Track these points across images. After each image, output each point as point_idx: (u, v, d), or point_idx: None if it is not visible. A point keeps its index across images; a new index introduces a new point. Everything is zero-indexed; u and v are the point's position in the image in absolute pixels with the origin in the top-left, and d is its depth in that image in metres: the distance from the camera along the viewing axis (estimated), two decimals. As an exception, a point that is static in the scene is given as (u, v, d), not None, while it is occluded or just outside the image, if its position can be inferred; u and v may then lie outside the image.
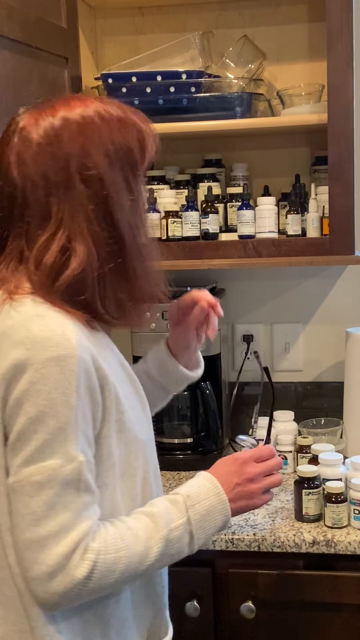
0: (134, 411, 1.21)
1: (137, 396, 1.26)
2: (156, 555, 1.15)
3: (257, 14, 2.11)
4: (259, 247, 1.93)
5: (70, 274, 1.11)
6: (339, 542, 1.64)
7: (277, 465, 1.34)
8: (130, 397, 1.23)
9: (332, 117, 1.82)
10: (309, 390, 2.27)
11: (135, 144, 1.17)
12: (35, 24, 1.68)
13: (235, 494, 1.25)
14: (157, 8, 2.15)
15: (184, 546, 1.19)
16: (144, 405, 1.28)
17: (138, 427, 1.21)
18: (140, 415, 1.25)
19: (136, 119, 1.19)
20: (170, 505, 1.19)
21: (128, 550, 1.12)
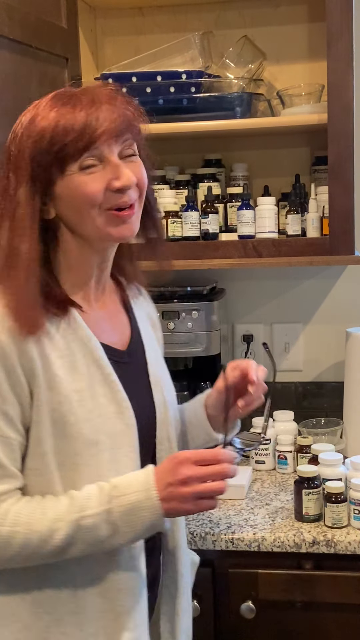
0: (85, 408, 1.20)
1: (112, 399, 1.24)
2: (63, 538, 1.15)
3: (257, 14, 2.11)
4: (259, 247, 1.94)
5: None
6: (339, 542, 1.64)
7: (220, 473, 1.19)
8: (90, 394, 1.22)
9: (332, 117, 1.82)
10: (309, 390, 2.28)
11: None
12: (35, 24, 1.69)
13: (168, 493, 1.17)
14: (157, 8, 2.15)
15: (105, 537, 1.17)
16: (121, 410, 1.25)
17: (89, 425, 1.20)
18: (101, 417, 1.22)
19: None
20: (96, 492, 1.18)
21: (28, 527, 1.15)
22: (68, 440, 1.19)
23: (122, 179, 1.19)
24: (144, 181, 1.24)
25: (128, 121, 1.21)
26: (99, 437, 1.21)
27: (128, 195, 1.20)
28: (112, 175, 1.19)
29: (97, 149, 1.18)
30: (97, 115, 1.17)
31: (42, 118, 1.19)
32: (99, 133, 1.17)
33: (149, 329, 1.43)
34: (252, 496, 1.89)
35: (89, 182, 1.18)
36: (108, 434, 1.22)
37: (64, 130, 1.17)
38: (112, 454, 1.22)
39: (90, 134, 1.17)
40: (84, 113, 1.17)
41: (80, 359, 1.23)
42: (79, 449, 1.19)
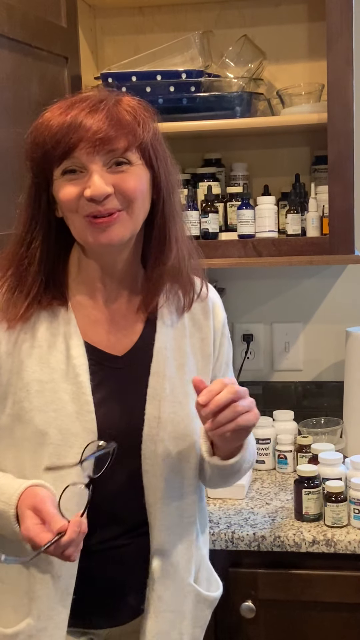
0: (42, 399, 1.24)
1: (74, 398, 1.24)
2: None
3: (257, 14, 2.11)
4: (258, 247, 1.93)
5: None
6: (338, 541, 1.64)
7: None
8: (52, 388, 1.24)
9: (332, 116, 1.82)
10: (309, 390, 2.27)
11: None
12: (35, 23, 1.69)
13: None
14: (157, 7, 2.15)
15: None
16: (81, 411, 1.24)
17: (41, 415, 1.23)
18: (57, 412, 1.23)
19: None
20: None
21: None
22: (22, 423, 1.24)
23: (90, 190, 1.17)
24: (130, 191, 1.20)
25: (121, 128, 1.19)
26: (48, 430, 1.23)
27: (103, 205, 1.18)
28: (87, 184, 1.18)
29: (75, 157, 1.18)
30: (81, 123, 1.17)
31: (38, 122, 1.22)
32: (76, 141, 1.17)
33: (184, 343, 1.35)
34: (252, 496, 1.89)
35: (66, 189, 1.20)
36: (60, 429, 1.23)
37: (48, 135, 1.19)
38: (59, 449, 1.23)
39: (67, 142, 1.17)
40: (69, 119, 1.18)
41: (55, 354, 1.26)
42: (28, 434, 1.24)
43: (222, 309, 1.43)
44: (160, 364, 1.31)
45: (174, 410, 1.30)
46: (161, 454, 1.29)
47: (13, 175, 1.61)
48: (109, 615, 1.34)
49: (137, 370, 1.31)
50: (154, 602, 1.32)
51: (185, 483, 1.33)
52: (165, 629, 1.33)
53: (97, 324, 1.30)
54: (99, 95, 1.23)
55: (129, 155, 1.20)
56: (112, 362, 1.30)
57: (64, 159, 1.18)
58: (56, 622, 1.27)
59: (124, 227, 1.22)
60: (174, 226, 1.29)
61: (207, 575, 1.44)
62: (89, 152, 1.17)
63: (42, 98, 1.73)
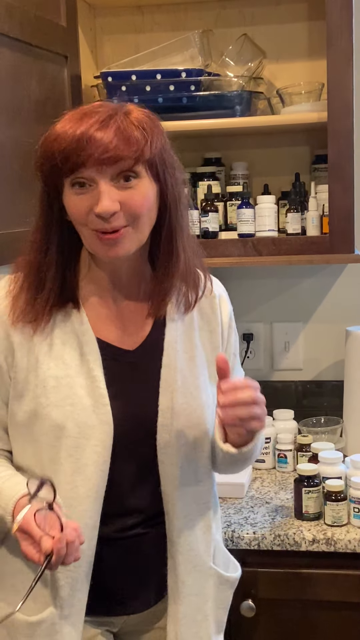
0: (59, 394, 1.27)
1: (90, 392, 1.28)
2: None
3: (257, 13, 2.11)
4: (258, 246, 1.93)
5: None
6: (338, 540, 1.64)
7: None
8: (68, 383, 1.28)
9: (332, 115, 1.82)
10: (309, 389, 2.27)
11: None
12: (35, 22, 1.68)
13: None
14: (156, 6, 2.15)
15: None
16: (97, 405, 1.28)
17: (58, 410, 1.27)
18: (73, 406, 1.27)
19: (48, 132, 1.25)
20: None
21: None
22: (40, 419, 1.28)
23: (98, 207, 1.20)
24: (135, 208, 1.22)
25: (130, 144, 1.20)
26: (66, 423, 1.27)
27: (110, 223, 1.21)
28: (95, 200, 1.20)
29: (84, 172, 1.20)
30: (90, 138, 1.18)
31: (48, 135, 1.23)
32: (85, 158, 1.18)
33: (193, 336, 1.39)
34: (252, 495, 1.89)
35: (76, 203, 1.22)
36: (77, 423, 1.27)
37: (57, 150, 1.20)
38: (77, 442, 1.27)
39: (76, 158, 1.19)
40: (78, 134, 1.19)
41: (69, 350, 1.30)
42: (46, 429, 1.28)
43: (228, 302, 1.47)
44: (171, 357, 1.35)
45: (186, 401, 1.34)
46: (175, 443, 1.32)
47: (12, 174, 1.61)
48: (125, 604, 1.38)
49: (148, 363, 1.35)
50: (178, 587, 1.36)
51: (199, 470, 1.37)
52: (191, 612, 1.37)
53: (108, 320, 1.34)
54: (108, 110, 1.23)
55: (136, 169, 1.22)
56: (124, 356, 1.34)
57: (72, 172, 1.21)
58: (77, 609, 1.31)
59: (130, 242, 1.25)
60: (181, 234, 1.32)
61: (224, 559, 1.48)
62: (97, 168, 1.19)
63: (41, 97, 1.73)
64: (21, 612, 1.29)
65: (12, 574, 1.34)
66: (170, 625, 1.36)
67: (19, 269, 1.32)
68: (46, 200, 1.27)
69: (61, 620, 1.30)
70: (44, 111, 1.75)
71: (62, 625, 1.30)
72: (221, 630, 1.46)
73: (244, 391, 1.20)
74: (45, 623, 1.30)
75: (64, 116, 1.25)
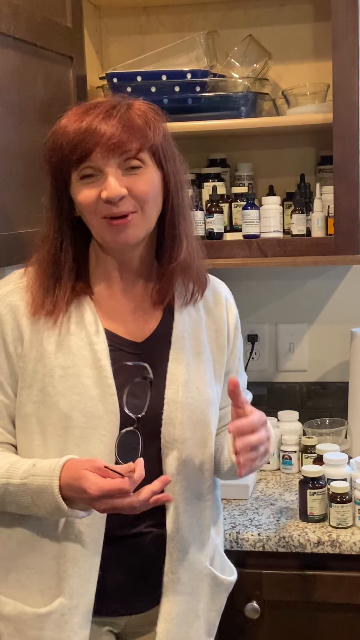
0: (66, 384, 1.29)
1: (97, 382, 1.30)
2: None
3: (262, 14, 2.11)
4: (263, 247, 1.93)
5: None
6: (343, 542, 1.64)
7: (128, 503, 1.19)
8: (75, 373, 1.30)
9: (337, 116, 1.82)
10: (314, 391, 2.27)
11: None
12: (41, 23, 1.68)
13: (69, 494, 1.23)
14: (162, 8, 2.15)
15: (28, 504, 1.27)
16: (104, 394, 1.30)
17: (65, 400, 1.29)
18: (80, 395, 1.29)
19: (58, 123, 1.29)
20: (25, 465, 1.28)
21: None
22: (47, 409, 1.30)
23: (106, 192, 1.24)
24: (142, 194, 1.27)
25: (133, 132, 1.24)
26: (72, 413, 1.29)
27: (118, 207, 1.25)
28: (103, 186, 1.24)
29: (91, 161, 1.25)
30: (96, 128, 1.23)
31: (55, 129, 1.28)
32: (92, 146, 1.24)
33: (200, 332, 1.42)
34: (257, 496, 1.89)
35: (85, 192, 1.26)
36: (84, 412, 1.29)
37: (65, 141, 1.25)
38: (83, 432, 1.29)
39: (84, 147, 1.24)
40: (84, 125, 1.24)
41: (76, 341, 1.32)
42: (54, 419, 1.30)
43: (235, 306, 1.51)
44: (178, 350, 1.37)
45: (191, 396, 1.36)
46: (179, 437, 1.34)
47: (18, 175, 1.61)
48: (127, 603, 1.38)
49: (155, 356, 1.37)
50: (171, 585, 1.37)
51: (202, 467, 1.38)
52: (182, 611, 1.38)
53: (116, 312, 1.37)
54: (111, 101, 1.28)
55: (141, 156, 1.27)
56: (132, 347, 1.36)
57: (81, 162, 1.25)
58: (86, 599, 1.32)
59: (138, 227, 1.29)
60: (184, 221, 1.36)
61: (222, 563, 1.50)
62: (104, 155, 1.24)
63: (47, 98, 1.73)
64: (29, 605, 1.31)
65: (18, 569, 1.34)
66: (161, 623, 1.37)
67: (33, 262, 1.35)
68: (55, 194, 1.31)
69: (71, 610, 1.31)
70: (50, 112, 1.74)
71: (71, 616, 1.31)
72: (212, 633, 1.46)
73: (254, 437, 1.23)
74: (55, 614, 1.31)
75: (69, 111, 1.29)
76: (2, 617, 1.34)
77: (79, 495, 1.21)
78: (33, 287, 1.33)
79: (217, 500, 1.48)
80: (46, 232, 1.33)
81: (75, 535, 1.30)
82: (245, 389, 1.57)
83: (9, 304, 1.33)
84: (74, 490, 1.21)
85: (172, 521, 1.35)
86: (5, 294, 1.34)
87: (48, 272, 1.32)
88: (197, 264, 1.40)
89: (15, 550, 1.35)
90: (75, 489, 1.21)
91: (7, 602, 1.34)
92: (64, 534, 1.30)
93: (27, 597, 1.33)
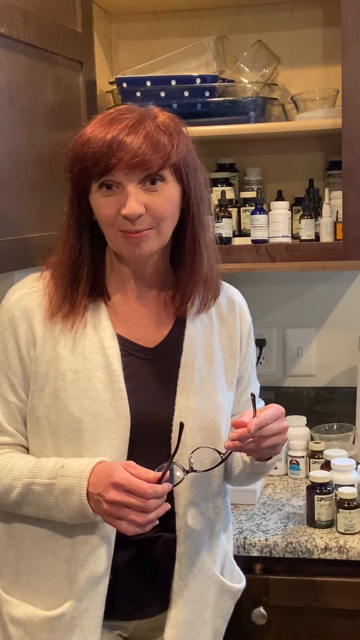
0: (77, 388, 1.30)
1: (108, 386, 1.30)
2: (18, 495, 1.29)
3: (271, 19, 2.11)
4: (272, 252, 1.93)
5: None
6: (351, 548, 1.63)
7: (139, 507, 1.19)
8: (87, 377, 1.30)
9: (347, 121, 1.82)
10: (322, 396, 2.27)
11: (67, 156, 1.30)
12: (51, 28, 1.69)
13: (95, 498, 1.24)
14: (171, 13, 2.15)
15: (50, 506, 1.28)
16: (115, 398, 1.30)
17: (76, 403, 1.29)
18: (91, 399, 1.29)
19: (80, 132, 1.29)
20: (50, 465, 1.29)
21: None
22: (59, 412, 1.30)
23: (126, 209, 1.24)
24: (160, 212, 1.27)
25: (157, 150, 1.24)
26: (83, 417, 1.29)
27: (135, 225, 1.26)
28: (123, 202, 1.25)
29: (113, 175, 1.25)
30: (120, 143, 1.23)
31: (79, 138, 1.28)
32: (115, 162, 1.23)
33: (212, 339, 1.42)
34: (264, 501, 1.89)
35: (104, 205, 1.27)
36: (94, 416, 1.29)
37: (89, 153, 1.25)
38: (94, 435, 1.29)
39: (107, 162, 1.24)
40: (109, 138, 1.24)
41: (89, 345, 1.32)
42: (65, 422, 1.30)
43: (248, 313, 1.52)
44: (190, 357, 1.38)
45: (202, 402, 1.37)
46: (189, 443, 1.34)
47: (27, 179, 1.61)
48: (138, 607, 1.39)
49: (167, 362, 1.37)
50: (180, 591, 1.37)
51: (212, 474, 1.38)
52: (190, 618, 1.38)
53: (128, 318, 1.37)
54: (137, 115, 1.27)
55: (162, 173, 1.27)
56: (144, 353, 1.36)
57: (102, 175, 1.25)
58: (96, 603, 1.32)
59: (152, 242, 1.30)
60: (203, 233, 1.37)
61: (231, 570, 1.50)
62: (126, 172, 1.24)
63: (56, 102, 1.74)
64: (39, 608, 1.32)
65: (28, 572, 1.34)
66: (168, 629, 1.37)
67: (51, 266, 1.36)
68: (76, 201, 1.32)
69: (81, 614, 1.31)
70: (59, 117, 1.75)
71: (81, 619, 1.31)
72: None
73: (272, 425, 1.26)
74: (65, 617, 1.31)
75: (94, 119, 1.29)
76: (12, 620, 1.35)
77: (101, 480, 1.22)
78: (51, 290, 1.34)
79: (227, 506, 1.48)
80: (65, 237, 1.34)
81: (86, 538, 1.30)
82: (258, 397, 1.57)
83: (23, 307, 1.34)
84: (100, 478, 1.22)
85: (182, 527, 1.35)
86: (20, 297, 1.35)
87: (67, 276, 1.33)
88: (215, 274, 1.41)
89: (27, 551, 1.35)
90: (101, 477, 1.22)
91: (18, 604, 1.35)
92: (76, 537, 1.31)
93: (37, 600, 1.34)
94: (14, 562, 1.36)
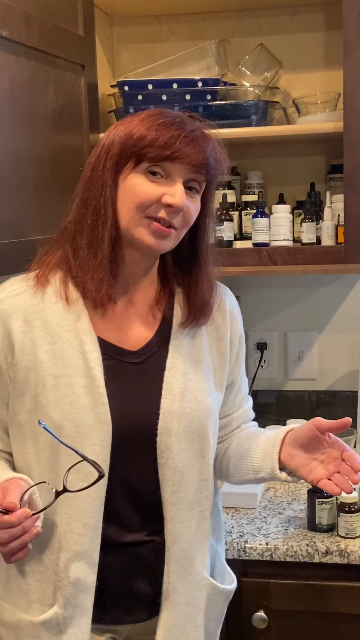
0: (58, 393, 1.28)
1: (89, 391, 1.28)
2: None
3: (273, 22, 2.11)
4: (273, 255, 1.93)
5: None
6: (352, 552, 1.63)
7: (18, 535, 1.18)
8: (67, 382, 1.28)
9: (348, 125, 1.82)
10: (323, 399, 2.27)
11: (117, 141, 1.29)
12: (53, 31, 1.69)
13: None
14: (173, 16, 2.15)
15: None
16: (96, 404, 1.28)
17: (57, 409, 1.27)
18: (72, 405, 1.27)
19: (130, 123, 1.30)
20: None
21: None
22: (38, 418, 1.27)
23: (175, 198, 1.25)
24: (189, 217, 1.30)
25: (209, 163, 1.29)
26: (63, 423, 1.27)
27: (170, 216, 1.27)
28: (169, 190, 1.26)
29: (173, 164, 1.26)
30: (195, 138, 1.27)
31: (140, 117, 1.29)
32: (181, 155, 1.25)
33: (200, 341, 1.40)
34: (265, 505, 1.89)
35: (148, 186, 1.26)
36: (75, 422, 1.27)
37: (158, 135, 1.25)
38: (75, 441, 1.26)
39: (175, 149, 1.25)
40: (187, 130, 1.27)
41: (69, 349, 1.30)
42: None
43: (239, 314, 1.50)
44: (176, 359, 1.36)
45: (189, 406, 1.34)
46: (176, 447, 1.32)
47: (28, 182, 1.61)
48: (131, 611, 1.38)
49: (152, 365, 1.35)
50: (170, 594, 1.35)
51: (199, 477, 1.36)
52: (181, 621, 1.36)
53: (110, 321, 1.35)
54: (201, 124, 1.33)
55: (202, 184, 1.32)
56: (127, 356, 1.34)
57: (162, 160, 1.26)
58: (82, 610, 1.31)
59: (170, 242, 1.31)
60: (204, 244, 1.39)
61: (222, 571, 1.49)
62: (186, 168, 1.27)
63: (58, 105, 1.74)
64: (26, 613, 1.31)
65: (18, 576, 1.34)
66: (159, 632, 1.36)
67: (55, 265, 1.34)
68: (111, 180, 1.28)
69: (66, 620, 1.30)
70: (61, 120, 1.76)
71: (67, 626, 1.30)
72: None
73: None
74: (50, 623, 1.30)
75: (144, 112, 1.31)
76: (3, 623, 1.35)
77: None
78: (83, 276, 1.30)
79: (216, 508, 1.47)
80: (82, 219, 1.31)
81: (69, 545, 1.29)
82: (247, 394, 1.56)
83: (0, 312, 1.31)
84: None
85: (170, 531, 1.34)
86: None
87: (96, 261, 1.30)
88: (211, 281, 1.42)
89: None
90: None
91: (7, 608, 1.35)
92: (60, 543, 1.30)
93: (25, 605, 1.33)
94: (5, 566, 1.35)
